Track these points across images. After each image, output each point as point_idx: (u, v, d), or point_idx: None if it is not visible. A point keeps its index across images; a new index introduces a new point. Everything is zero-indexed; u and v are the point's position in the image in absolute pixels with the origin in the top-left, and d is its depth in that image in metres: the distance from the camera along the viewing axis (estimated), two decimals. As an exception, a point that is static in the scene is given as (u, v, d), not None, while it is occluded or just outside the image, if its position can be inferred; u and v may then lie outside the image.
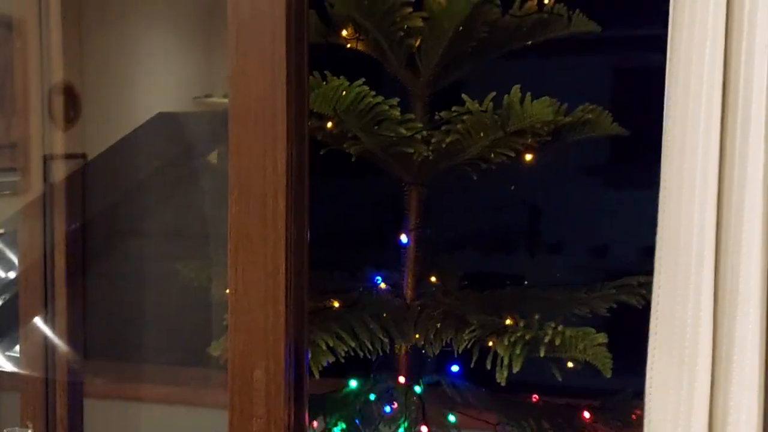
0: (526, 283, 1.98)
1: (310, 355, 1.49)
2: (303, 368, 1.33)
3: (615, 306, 1.81)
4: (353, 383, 1.94)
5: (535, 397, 1.98)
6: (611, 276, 1.89)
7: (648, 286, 1.87)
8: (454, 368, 1.94)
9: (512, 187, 1.80)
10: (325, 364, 1.56)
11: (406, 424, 1.82)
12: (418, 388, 1.89)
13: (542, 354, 1.49)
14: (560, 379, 1.55)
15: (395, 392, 1.90)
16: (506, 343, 1.51)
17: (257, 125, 1.27)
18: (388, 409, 1.92)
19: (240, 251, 1.29)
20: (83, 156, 2.29)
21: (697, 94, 0.88)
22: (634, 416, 2.08)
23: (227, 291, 1.37)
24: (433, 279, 1.92)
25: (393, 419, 1.89)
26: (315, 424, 1.79)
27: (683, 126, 0.90)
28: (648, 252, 1.05)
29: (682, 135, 0.90)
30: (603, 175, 3.97)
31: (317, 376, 1.55)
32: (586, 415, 2.00)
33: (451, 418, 1.88)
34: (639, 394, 2.14)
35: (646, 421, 1.02)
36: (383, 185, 1.86)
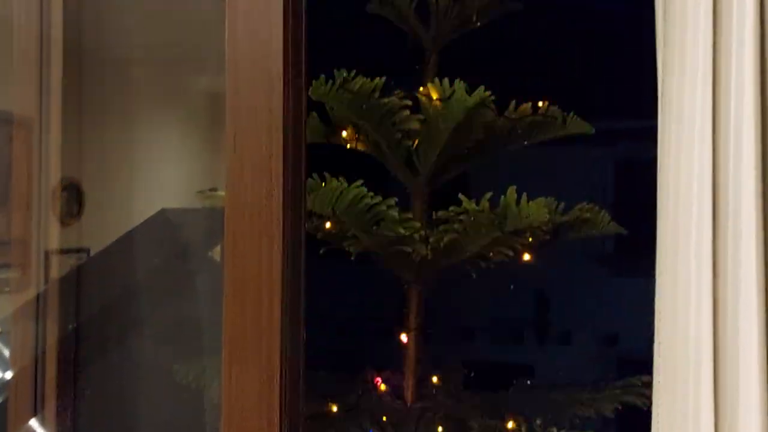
0: (529, 382, 1.94)
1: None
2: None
3: (620, 407, 1.77)
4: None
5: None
6: (618, 366, 1.86)
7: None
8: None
9: (511, 287, 1.78)
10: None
11: None
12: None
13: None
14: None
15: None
16: (506, 450, 1.47)
17: (253, 227, 1.28)
18: None
19: (234, 356, 1.27)
20: (85, 250, 2.29)
21: (687, 215, 0.88)
22: None
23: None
24: (434, 379, 1.89)
25: None
26: None
27: (675, 239, 0.89)
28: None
29: (675, 248, 0.89)
30: (607, 265, 3.97)
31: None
32: None
33: None
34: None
35: None
36: (382, 284, 1.85)
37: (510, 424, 1.61)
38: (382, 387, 1.81)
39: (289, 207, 1.28)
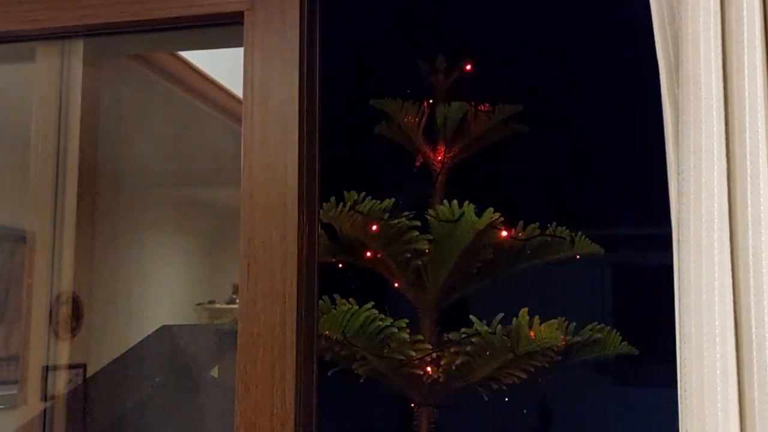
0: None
1: None
2: None
3: None
4: None
5: None
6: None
7: None
8: None
9: (524, 411, 1.74)
10: None
11: None
12: None
13: None
14: None
15: None
16: None
17: (266, 356, 1.26)
18: None
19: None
20: (82, 366, 2.25)
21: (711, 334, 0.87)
22: None
23: None
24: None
25: None
26: None
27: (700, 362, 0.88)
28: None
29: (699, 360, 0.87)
30: (613, 375, 3.92)
31: None
32: None
33: None
34: None
35: None
36: (393, 406, 1.81)
37: None
38: None
39: (303, 332, 1.27)
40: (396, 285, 1.83)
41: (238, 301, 1.36)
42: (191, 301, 3.52)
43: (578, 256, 1.82)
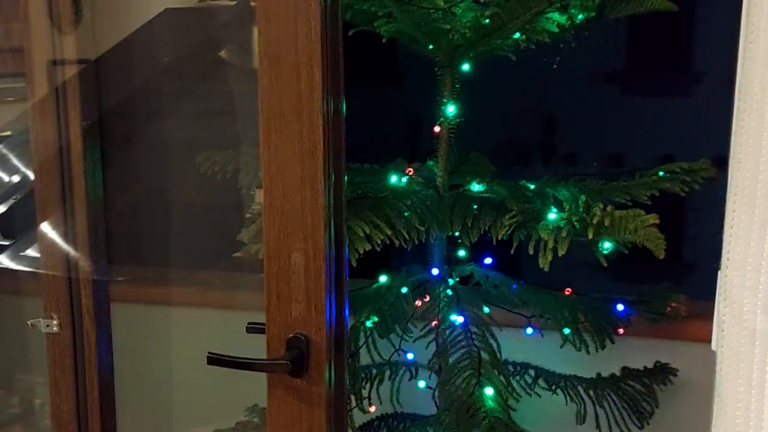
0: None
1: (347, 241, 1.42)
2: (343, 250, 1.26)
3: (657, 194, 1.73)
4: (383, 278, 1.88)
5: (568, 290, 1.93)
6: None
7: (692, 173, 1.80)
8: (488, 260, 1.88)
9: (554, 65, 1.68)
10: (362, 251, 1.49)
11: (438, 313, 1.77)
12: (450, 281, 1.84)
13: (591, 236, 1.41)
14: (605, 265, 1.47)
15: (427, 285, 1.85)
16: (551, 227, 1.43)
17: (287, -9, 1.17)
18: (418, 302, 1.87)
19: (273, 127, 1.21)
20: (88, 62, 2.19)
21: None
22: (668, 308, 2.03)
23: (259, 176, 1.28)
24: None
25: (425, 313, 1.84)
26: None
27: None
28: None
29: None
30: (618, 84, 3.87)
31: (354, 263, 1.48)
32: (620, 307, 1.95)
33: (486, 309, 1.83)
34: (674, 287, 2.11)
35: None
36: (414, 68, 1.75)
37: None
38: (413, 175, 1.76)
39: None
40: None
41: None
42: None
43: None
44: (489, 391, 1.60)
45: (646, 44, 3.65)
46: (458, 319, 1.71)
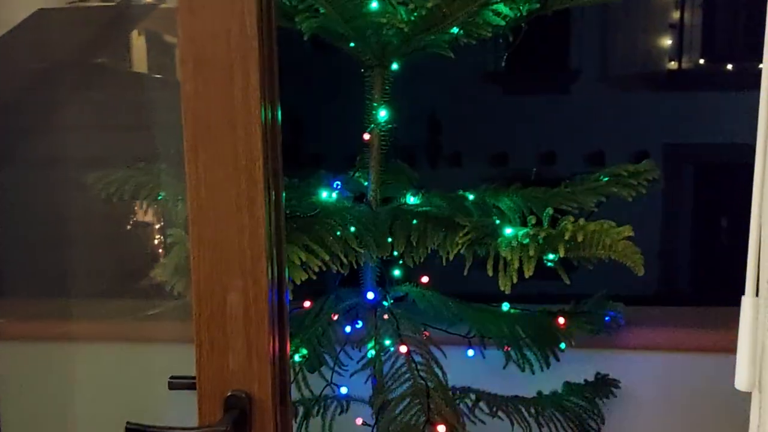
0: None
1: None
2: (284, 285, 1.07)
3: (604, 200, 1.62)
4: (307, 303, 1.69)
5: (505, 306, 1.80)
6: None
7: (637, 175, 1.70)
8: (424, 279, 1.73)
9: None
10: (298, 282, 1.29)
11: (376, 343, 1.59)
12: (385, 303, 1.66)
13: (562, 253, 1.27)
14: (568, 283, 1.34)
15: (360, 310, 1.67)
16: (513, 244, 1.28)
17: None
18: (348, 329, 1.68)
19: (200, 143, 0.99)
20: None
21: None
22: (607, 318, 1.95)
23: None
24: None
25: (361, 340, 1.66)
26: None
27: None
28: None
29: None
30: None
31: (291, 296, 1.28)
32: (561, 320, 1.84)
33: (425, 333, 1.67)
34: (610, 297, 2.03)
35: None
36: (341, 69, 1.56)
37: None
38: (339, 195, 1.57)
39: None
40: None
41: None
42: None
43: None
44: (441, 428, 1.43)
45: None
46: (401, 349, 1.53)
